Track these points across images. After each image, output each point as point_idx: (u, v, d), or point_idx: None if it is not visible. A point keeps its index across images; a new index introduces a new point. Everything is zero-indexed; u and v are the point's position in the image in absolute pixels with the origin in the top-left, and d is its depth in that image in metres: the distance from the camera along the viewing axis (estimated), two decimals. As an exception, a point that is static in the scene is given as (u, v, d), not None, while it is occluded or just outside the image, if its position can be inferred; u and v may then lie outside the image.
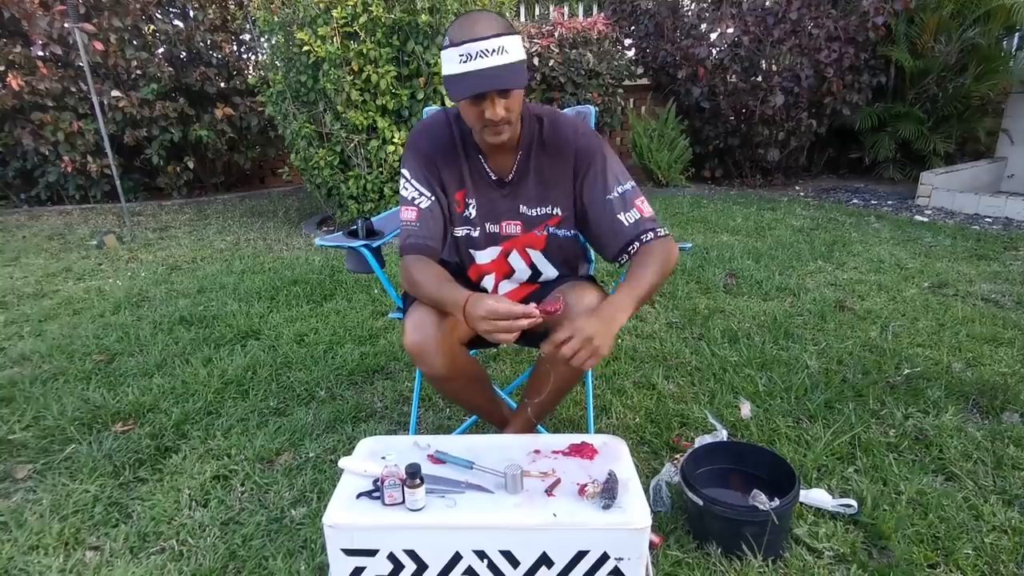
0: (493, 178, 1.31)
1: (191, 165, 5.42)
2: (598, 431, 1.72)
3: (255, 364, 2.14)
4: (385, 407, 1.90)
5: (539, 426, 1.52)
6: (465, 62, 1.08)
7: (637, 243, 1.23)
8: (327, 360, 2.18)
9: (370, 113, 3.62)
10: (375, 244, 1.47)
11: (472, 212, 1.32)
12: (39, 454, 1.67)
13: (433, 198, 1.28)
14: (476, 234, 1.33)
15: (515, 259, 1.37)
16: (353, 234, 1.53)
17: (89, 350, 2.28)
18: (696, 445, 1.59)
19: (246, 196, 5.74)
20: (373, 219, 1.60)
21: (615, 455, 1.12)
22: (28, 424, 1.80)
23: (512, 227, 1.33)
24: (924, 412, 1.80)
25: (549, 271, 1.40)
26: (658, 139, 5.56)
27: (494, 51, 1.08)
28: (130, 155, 5.31)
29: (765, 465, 1.39)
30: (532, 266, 1.39)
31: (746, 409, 1.81)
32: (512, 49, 1.11)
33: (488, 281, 1.40)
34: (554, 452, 1.13)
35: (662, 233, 1.24)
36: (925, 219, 4.40)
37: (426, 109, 1.74)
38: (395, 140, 3.67)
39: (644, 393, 1.93)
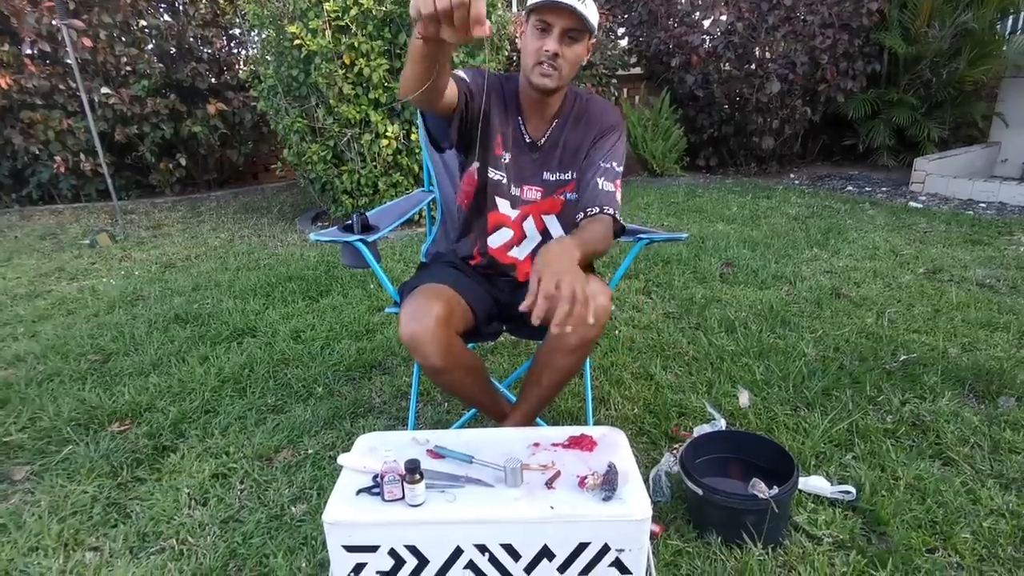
0: (527, 140, 1.40)
1: (183, 162, 5.38)
2: (597, 422, 1.72)
3: (252, 361, 2.13)
4: (383, 402, 1.90)
5: (538, 419, 1.52)
6: None
7: (598, 209, 1.31)
8: (324, 356, 2.18)
9: (363, 107, 3.59)
10: (371, 239, 1.46)
11: (507, 160, 1.40)
12: (36, 455, 1.66)
13: (470, 86, 1.29)
14: (505, 182, 1.41)
15: (528, 224, 1.45)
16: (348, 229, 1.51)
17: (84, 350, 2.27)
18: (695, 435, 1.59)
19: (239, 192, 5.70)
20: (368, 213, 1.59)
21: (614, 446, 1.12)
22: (24, 426, 1.79)
23: (533, 192, 1.42)
24: (921, 398, 1.80)
25: (558, 235, 1.46)
26: (652, 129, 5.55)
27: None
28: (122, 152, 5.26)
29: (764, 453, 1.39)
30: (544, 231, 1.47)
31: (744, 398, 1.82)
32: (591, 8, 1.24)
33: (504, 234, 1.45)
34: (553, 445, 1.13)
35: (617, 216, 1.33)
36: (919, 205, 4.41)
37: (419, 102, 1.73)
38: (388, 134, 3.65)
39: (642, 384, 1.93)
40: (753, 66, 5.18)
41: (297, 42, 3.44)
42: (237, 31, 5.52)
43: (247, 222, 4.43)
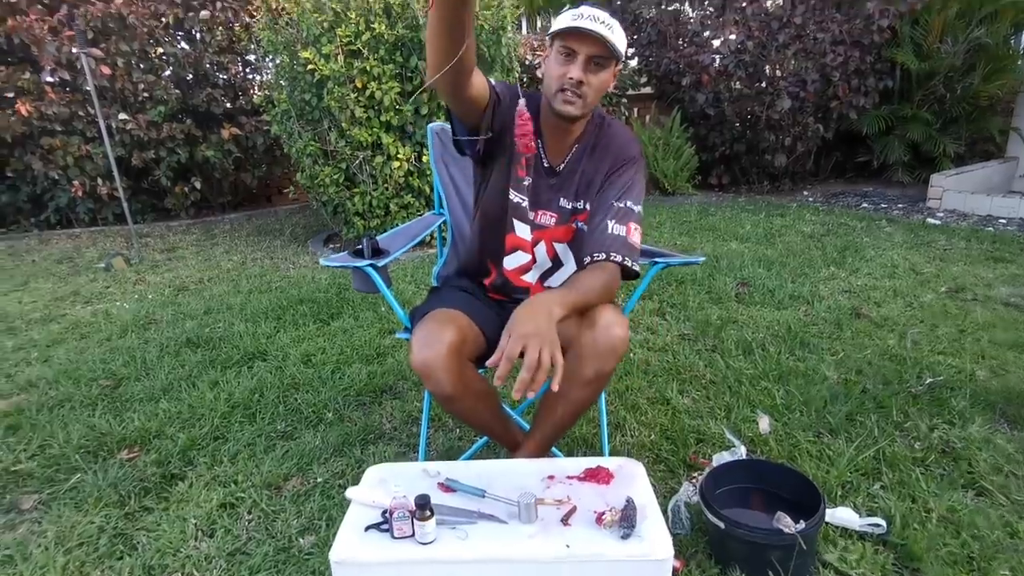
0: (545, 164, 1.36)
1: (198, 185, 5.44)
2: (613, 450, 1.67)
3: (262, 386, 2.11)
4: (394, 428, 1.86)
5: (552, 447, 1.48)
6: (577, 19, 1.18)
7: (603, 254, 1.25)
8: (335, 380, 2.15)
9: (374, 129, 3.62)
10: (381, 263, 1.44)
11: (528, 183, 1.36)
12: (44, 484, 1.64)
13: (499, 93, 1.26)
14: (525, 204, 1.37)
15: (540, 250, 1.42)
16: (358, 253, 1.50)
17: (96, 375, 2.26)
18: (714, 463, 1.54)
19: (253, 215, 5.76)
20: (379, 237, 1.58)
21: (632, 479, 1.08)
22: (34, 453, 1.77)
23: (547, 218, 1.39)
24: (950, 423, 1.74)
25: (570, 264, 1.43)
26: (663, 148, 5.54)
27: (605, 23, 1.19)
28: (138, 177, 5.34)
29: (788, 484, 1.34)
30: (555, 258, 1.43)
31: (764, 424, 1.76)
32: (619, 34, 1.21)
33: (519, 257, 1.42)
34: (569, 477, 1.09)
35: (629, 265, 1.25)
36: (937, 222, 4.34)
37: (430, 126, 1.73)
38: (399, 156, 3.66)
39: (658, 409, 1.88)
40: (764, 84, 5.17)
41: (310, 67, 3.49)
42: (252, 57, 5.62)
43: (260, 245, 4.46)
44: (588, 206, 1.37)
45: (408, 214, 3.88)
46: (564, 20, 1.21)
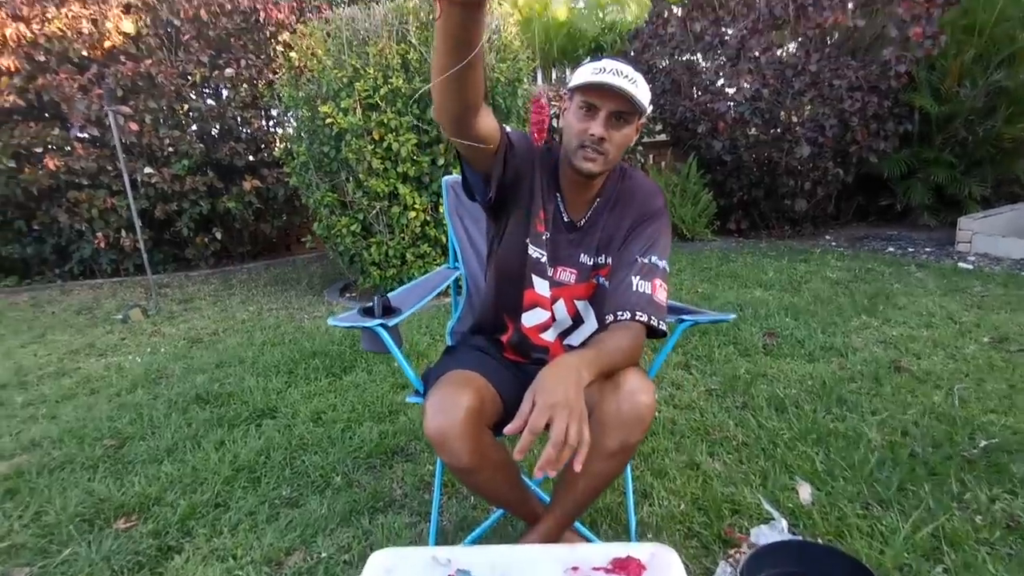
0: (565, 219, 1.31)
1: (219, 236, 5.51)
2: (640, 522, 1.54)
3: (269, 447, 2.02)
4: (405, 494, 1.75)
5: (576, 521, 1.36)
6: (598, 73, 1.13)
7: (628, 313, 1.16)
8: (344, 440, 2.06)
9: (391, 180, 3.63)
10: (391, 323, 1.37)
11: (547, 238, 1.30)
12: (37, 555, 1.55)
13: (512, 140, 1.20)
14: (544, 260, 1.30)
15: (559, 307, 1.33)
16: (368, 312, 1.43)
17: (101, 434, 2.20)
18: (752, 539, 1.40)
19: (271, 264, 5.79)
20: (391, 294, 1.51)
21: (666, 569, 0.96)
22: (29, 521, 1.69)
23: (567, 274, 1.31)
24: (1012, 493, 1.58)
25: (591, 322, 1.35)
26: (681, 194, 5.50)
27: (628, 77, 1.13)
28: (161, 228, 5.44)
29: (839, 569, 1.19)
30: (575, 316, 1.35)
31: (805, 492, 1.62)
32: (643, 88, 1.15)
33: (538, 315, 1.34)
34: (595, 568, 0.97)
35: (655, 325, 1.16)
36: (969, 266, 4.19)
37: (444, 179, 1.69)
38: (416, 206, 3.66)
39: (688, 475, 1.75)
40: (780, 130, 5.15)
41: (329, 120, 3.54)
42: (275, 111, 5.77)
43: (276, 294, 4.45)
44: (610, 261, 1.30)
45: (424, 263, 3.85)
46: (584, 74, 1.16)
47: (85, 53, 4.75)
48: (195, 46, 5.07)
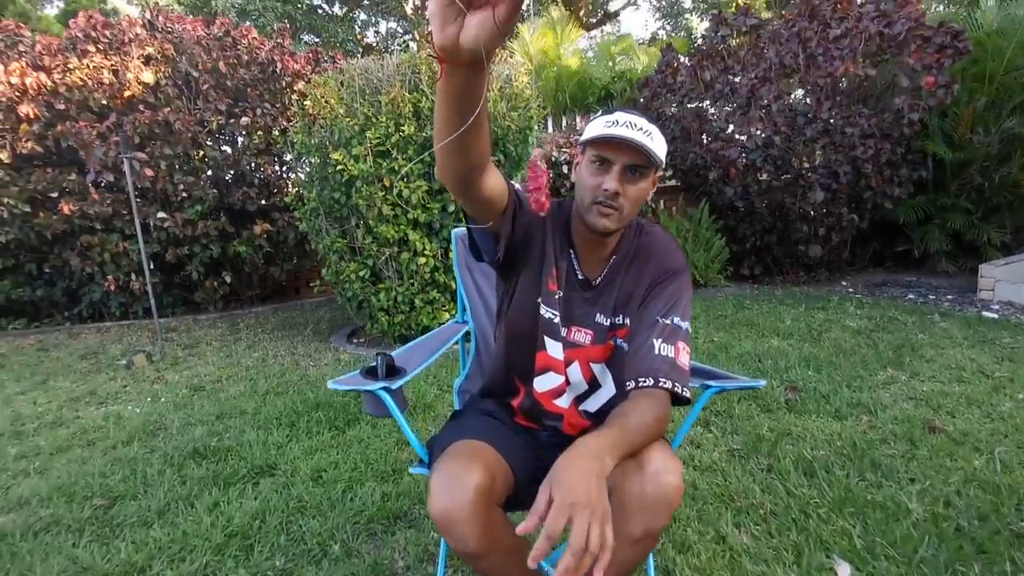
0: (580, 277, 1.24)
1: (229, 279, 5.50)
2: (663, 606, 1.41)
3: (265, 509, 1.91)
4: (407, 566, 1.63)
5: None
6: (611, 126, 1.08)
7: (650, 380, 1.07)
8: (345, 503, 1.94)
9: (401, 227, 3.61)
10: (395, 386, 1.28)
11: (559, 297, 1.22)
12: (10, 632, 1.44)
13: (520, 197, 1.12)
14: (557, 321, 1.22)
15: (574, 370, 1.25)
16: (371, 372, 1.35)
17: (91, 492, 2.10)
18: (790, 629, 1.27)
19: (279, 307, 5.75)
20: (395, 353, 1.43)
21: None
22: (5, 592, 1.58)
23: (581, 335, 1.23)
24: (1074, 576, 1.43)
25: (608, 386, 1.26)
26: (693, 239, 5.45)
27: (642, 129, 1.08)
28: (171, 272, 5.44)
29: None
30: (591, 380, 1.25)
31: (844, 573, 1.48)
32: (659, 142, 1.11)
33: (551, 379, 1.25)
34: None
35: (679, 391, 1.08)
36: (994, 315, 4.05)
37: (454, 231, 1.63)
38: (426, 252, 3.62)
39: (714, 549, 1.62)
40: (792, 176, 5.12)
41: (340, 167, 3.54)
42: (288, 157, 5.85)
43: (283, 339, 4.38)
44: (628, 321, 1.21)
45: (433, 309, 3.78)
46: (597, 127, 1.11)
47: (105, 102, 4.86)
48: (212, 95, 5.18)
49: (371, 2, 14.98)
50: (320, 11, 14.52)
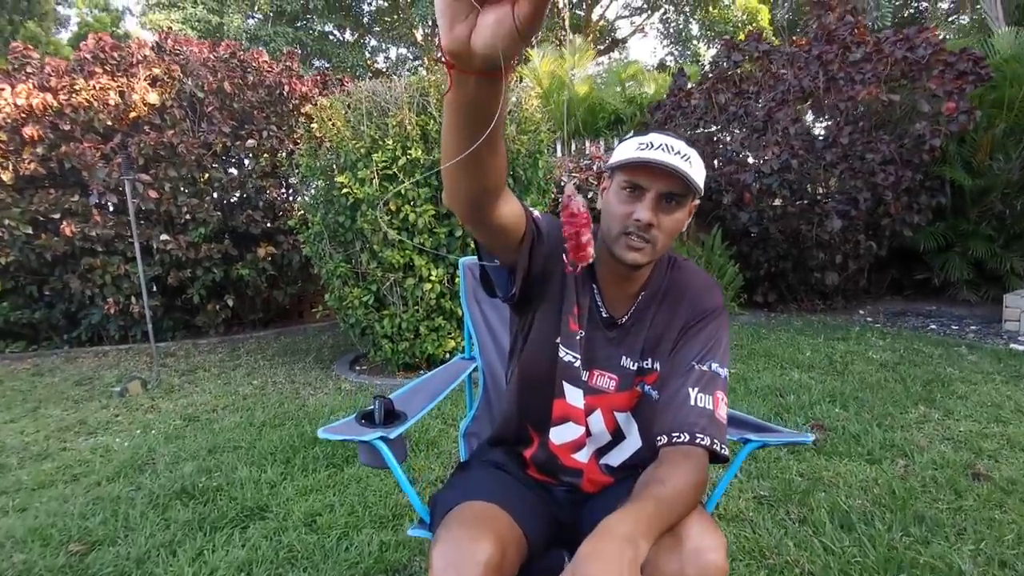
0: (604, 315, 1.09)
1: (231, 303, 5.39)
2: None
3: (252, 560, 1.76)
4: (406, 631, 1.47)
5: None
6: (645, 149, 0.97)
7: (685, 435, 0.94)
8: (339, 552, 1.79)
9: (407, 252, 3.50)
10: (393, 435, 1.15)
11: (580, 338, 1.08)
12: None
13: (540, 226, 1.01)
14: (577, 364, 1.08)
15: (596, 420, 1.10)
16: (368, 417, 1.22)
17: (69, 535, 1.95)
18: None
19: (282, 332, 5.63)
20: (395, 396, 1.30)
21: None
22: (-40, 656, 1.43)
23: (605, 380, 1.09)
24: None
25: (633, 438, 1.11)
26: (705, 265, 5.30)
27: (680, 153, 0.97)
28: (173, 295, 5.34)
29: None
30: (615, 431, 1.11)
31: (898, 650, 1.31)
32: (697, 167, 1.00)
33: (570, 430, 1.11)
34: None
35: (717, 449, 0.94)
36: (1023, 347, 3.87)
37: (461, 260, 1.50)
38: (432, 278, 3.50)
39: (747, 617, 1.45)
40: (807, 202, 5.00)
41: (345, 190, 3.45)
42: (294, 179, 5.78)
43: (283, 366, 4.25)
44: (657, 366, 1.08)
45: (439, 337, 3.65)
46: (628, 150, 0.99)
47: (110, 123, 4.82)
48: (218, 117, 5.14)
49: (381, 28, 15.20)
50: (331, 37, 14.73)
